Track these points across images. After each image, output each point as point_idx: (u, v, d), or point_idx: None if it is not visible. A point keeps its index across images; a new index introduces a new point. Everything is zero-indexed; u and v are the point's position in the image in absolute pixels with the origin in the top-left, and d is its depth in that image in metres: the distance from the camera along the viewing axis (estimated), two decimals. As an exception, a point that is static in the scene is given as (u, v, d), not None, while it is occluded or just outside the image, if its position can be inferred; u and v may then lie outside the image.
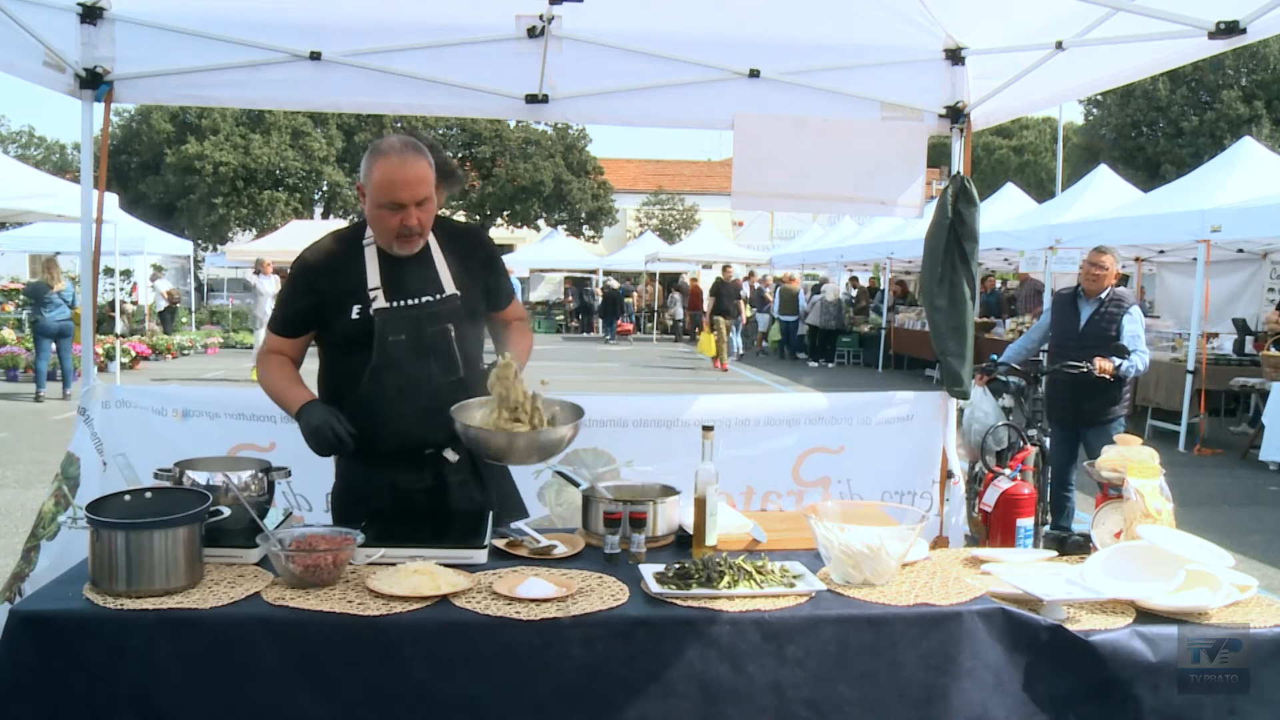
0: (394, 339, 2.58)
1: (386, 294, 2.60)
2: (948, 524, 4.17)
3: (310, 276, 2.67)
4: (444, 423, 2.57)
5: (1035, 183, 30.83)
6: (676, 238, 34.07)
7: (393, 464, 2.64)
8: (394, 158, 2.51)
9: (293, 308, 2.70)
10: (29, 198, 10.50)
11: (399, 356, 2.58)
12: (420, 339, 2.60)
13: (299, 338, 2.73)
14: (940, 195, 4.14)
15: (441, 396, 2.59)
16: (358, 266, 2.62)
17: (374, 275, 2.61)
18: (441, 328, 2.63)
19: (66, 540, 3.64)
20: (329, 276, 2.64)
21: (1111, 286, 5.68)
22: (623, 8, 3.68)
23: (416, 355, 2.60)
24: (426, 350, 2.61)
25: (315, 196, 32.62)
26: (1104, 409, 5.54)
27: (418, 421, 2.61)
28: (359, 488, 2.71)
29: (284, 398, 2.65)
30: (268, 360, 2.73)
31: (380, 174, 2.50)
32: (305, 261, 2.71)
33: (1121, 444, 2.69)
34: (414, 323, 2.60)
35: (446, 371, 2.63)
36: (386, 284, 2.61)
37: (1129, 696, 2.05)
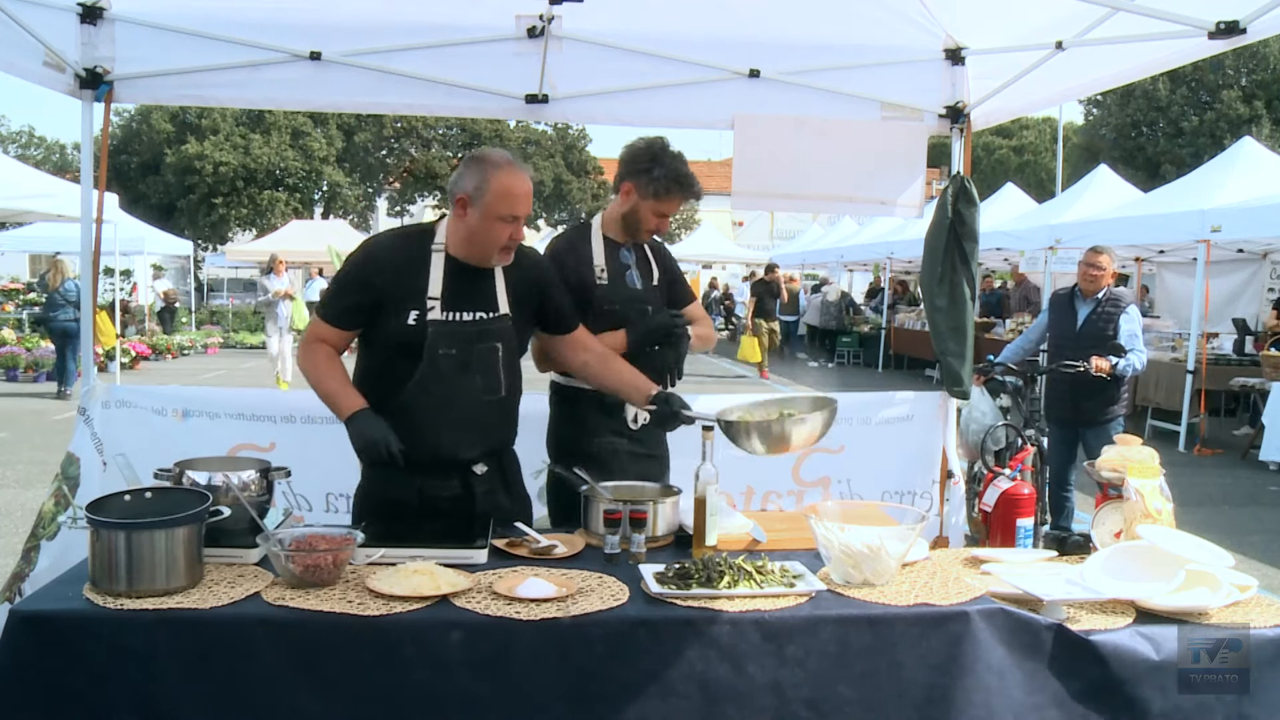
0: (444, 352, 2.57)
1: (444, 305, 2.59)
2: (948, 524, 4.17)
3: (373, 272, 2.62)
4: (479, 438, 2.64)
5: (1035, 183, 30.83)
6: (676, 238, 34.08)
7: (423, 471, 2.61)
8: (512, 169, 2.55)
9: (350, 300, 2.65)
10: (29, 198, 10.50)
11: (447, 370, 2.58)
12: (469, 355, 2.61)
13: (348, 331, 2.68)
14: (940, 195, 4.14)
15: (480, 413, 2.63)
16: (422, 271, 2.60)
17: (436, 284, 2.59)
18: (490, 345, 2.64)
19: (66, 540, 3.64)
20: (392, 275, 2.60)
21: (1109, 286, 5.68)
22: (623, 8, 3.69)
23: (463, 370, 2.60)
24: (473, 366, 2.61)
25: (315, 196, 32.62)
26: (1102, 409, 5.54)
27: (455, 435, 2.62)
28: (385, 491, 2.69)
29: (335, 399, 2.60)
30: (315, 351, 2.66)
31: (502, 186, 2.52)
32: (372, 255, 2.68)
33: (1121, 444, 2.69)
34: (465, 338, 2.60)
35: (489, 389, 2.65)
36: (446, 295, 2.59)
37: (1135, 697, 2.05)
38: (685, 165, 3.14)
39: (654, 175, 3.10)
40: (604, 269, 3.19)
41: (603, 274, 3.18)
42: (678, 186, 3.13)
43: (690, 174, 3.14)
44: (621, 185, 3.20)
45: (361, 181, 34.13)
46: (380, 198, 36.22)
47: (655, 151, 3.13)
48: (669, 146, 3.15)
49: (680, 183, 3.13)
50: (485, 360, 2.63)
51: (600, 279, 3.18)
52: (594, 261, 3.18)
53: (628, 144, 3.21)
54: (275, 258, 14.36)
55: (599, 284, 3.17)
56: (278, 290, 13.53)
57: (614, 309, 3.17)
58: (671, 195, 3.13)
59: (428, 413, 2.58)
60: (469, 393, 2.61)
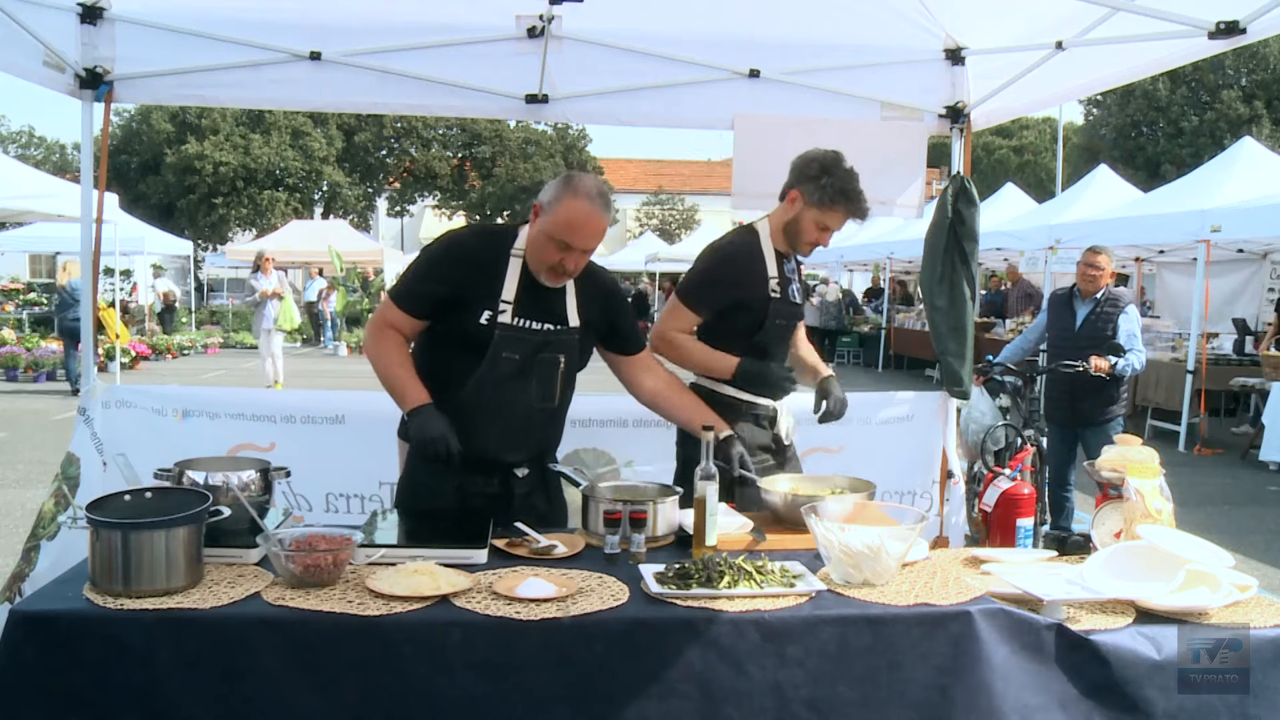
0: (507, 356, 2.60)
1: (515, 311, 2.61)
2: (948, 524, 4.17)
3: (453, 265, 2.65)
4: (525, 444, 2.69)
5: (1035, 183, 30.82)
6: (676, 238, 34.07)
7: (466, 468, 2.63)
8: (585, 203, 2.54)
9: (428, 288, 2.66)
10: (29, 198, 10.50)
11: (506, 374, 2.61)
12: (531, 363, 2.63)
13: (421, 320, 2.67)
14: (940, 195, 4.14)
15: (532, 420, 2.68)
16: (500, 273, 2.62)
17: (511, 288, 2.62)
18: (553, 356, 2.67)
19: (66, 540, 3.64)
20: (472, 271, 2.63)
21: (1108, 286, 5.68)
22: (623, 8, 3.69)
23: (522, 377, 2.63)
24: (532, 374, 2.64)
25: (315, 196, 32.63)
26: (1102, 409, 5.54)
27: (503, 439, 2.66)
28: (426, 483, 2.72)
29: (399, 388, 2.61)
30: (385, 337, 2.66)
31: (567, 212, 2.53)
32: (456, 247, 2.70)
33: (1121, 444, 2.69)
34: (530, 346, 2.63)
35: (544, 398, 2.69)
36: (520, 300, 2.62)
37: (1138, 697, 2.05)
38: (856, 182, 3.04)
39: (821, 183, 3.03)
40: (777, 280, 3.13)
41: (776, 286, 3.12)
42: (843, 199, 3.03)
43: (859, 191, 3.04)
44: (789, 192, 3.12)
45: (361, 181, 34.13)
46: (380, 198, 36.21)
47: (828, 162, 3.05)
48: (843, 161, 3.06)
49: (847, 196, 3.03)
50: (545, 370, 2.67)
51: (774, 292, 3.12)
52: (768, 273, 3.12)
53: (801, 153, 3.14)
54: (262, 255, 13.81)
55: (773, 297, 3.11)
56: (265, 290, 12.99)
57: (782, 325, 3.15)
58: (836, 207, 3.04)
59: (480, 413, 2.62)
60: (524, 399, 2.65)
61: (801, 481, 2.86)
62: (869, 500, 2.67)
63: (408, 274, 2.75)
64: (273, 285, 13.04)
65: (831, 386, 3.22)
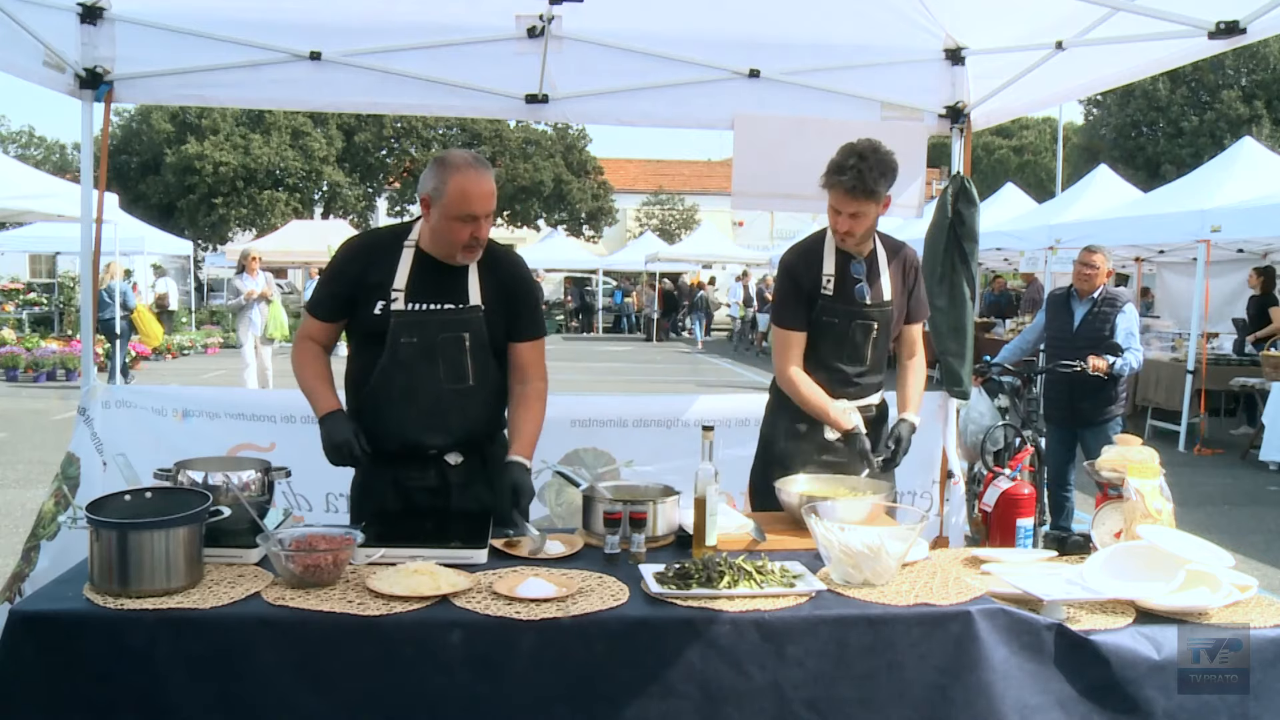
0: (405, 340, 2.63)
1: (408, 296, 2.64)
2: (948, 524, 4.17)
3: (347, 262, 2.74)
4: (445, 427, 2.68)
5: (1035, 183, 30.82)
6: (676, 238, 34.07)
7: (398, 462, 2.70)
8: (470, 171, 2.56)
9: (329, 290, 2.76)
10: (29, 198, 10.50)
11: (408, 358, 2.63)
12: (432, 344, 2.64)
13: (331, 323, 2.77)
14: (940, 195, 4.14)
15: (446, 402, 2.66)
16: (391, 264, 2.67)
17: (402, 276, 2.65)
18: (456, 335, 2.67)
19: (66, 540, 3.64)
20: (363, 266, 2.69)
21: (1105, 285, 5.68)
22: (623, 8, 3.69)
23: (426, 359, 2.64)
24: (436, 355, 2.65)
25: (315, 196, 32.60)
26: (1101, 409, 5.53)
27: (419, 423, 2.67)
28: (370, 484, 2.78)
29: (311, 396, 2.71)
30: (303, 348, 2.78)
31: (456, 186, 2.54)
32: (349, 247, 2.82)
33: (1121, 444, 2.69)
34: (427, 328, 2.64)
35: (455, 379, 2.67)
36: (411, 287, 2.65)
37: (1137, 697, 2.05)
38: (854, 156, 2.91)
39: (826, 170, 2.99)
40: (831, 278, 3.09)
41: (828, 283, 3.09)
42: (831, 174, 2.95)
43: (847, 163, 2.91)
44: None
45: (361, 181, 34.11)
46: (380, 198, 36.20)
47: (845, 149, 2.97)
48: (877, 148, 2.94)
49: (834, 169, 2.94)
50: (449, 349, 2.66)
51: (825, 289, 3.09)
52: (823, 270, 3.10)
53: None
54: (248, 254, 12.15)
55: (823, 294, 3.09)
56: (250, 292, 11.49)
57: (833, 322, 3.11)
58: (831, 185, 2.97)
59: (392, 400, 2.66)
60: (432, 380, 2.65)
61: (820, 483, 2.85)
62: (891, 501, 2.67)
63: (317, 285, 2.88)
64: (259, 286, 11.57)
65: (904, 432, 3.14)
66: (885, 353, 3.24)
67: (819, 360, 3.14)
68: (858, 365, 3.17)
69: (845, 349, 3.14)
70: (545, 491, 3.99)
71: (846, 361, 3.15)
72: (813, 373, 3.14)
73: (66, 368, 13.80)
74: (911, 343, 3.33)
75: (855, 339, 3.13)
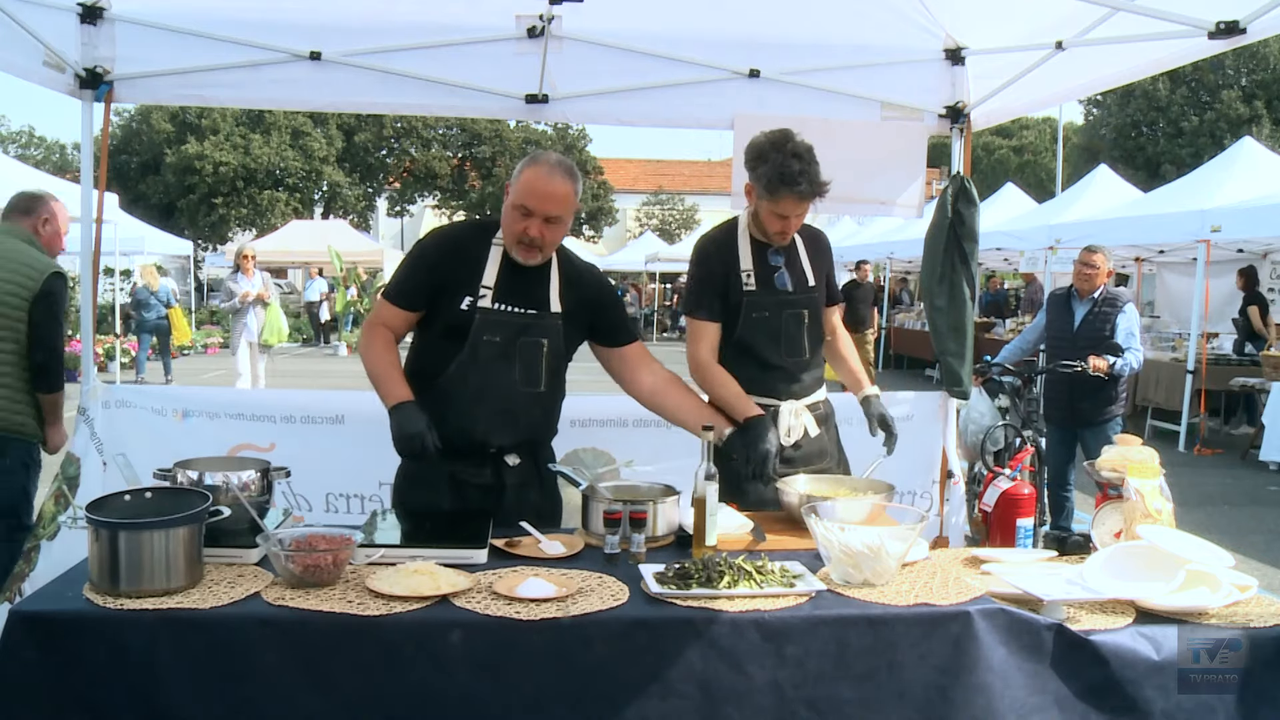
0: (488, 339, 2.65)
1: (495, 296, 2.66)
2: (948, 524, 4.17)
3: (438, 255, 2.72)
4: (512, 429, 2.70)
5: (1035, 183, 30.83)
6: (676, 238, 34.06)
7: (457, 456, 2.68)
8: (544, 168, 2.60)
9: (414, 281, 2.73)
10: (29, 198, 10.48)
11: (488, 357, 2.65)
12: (513, 346, 2.67)
13: (411, 313, 2.73)
14: (940, 195, 4.14)
15: (517, 403, 2.70)
16: (480, 260, 2.68)
17: (491, 274, 2.67)
18: (536, 340, 2.70)
19: (66, 540, 3.65)
20: (453, 260, 2.69)
21: (1105, 285, 5.68)
22: (623, 8, 3.69)
23: (504, 360, 2.66)
24: (514, 357, 2.67)
25: (315, 196, 32.62)
26: (1100, 409, 5.54)
27: (488, 422, 2.69)
28: (419, 474, 2.75)
29: (383, 385, 2.65)
30: (374, 334, 2.73)
31: (525, 178, 2.60)
32: (439, 238, 2.78)
33: (1121, 444, 2.69)
34: (511, 329, 2.67)
35: (529, 382, 2.70)
36: (500, 286, 2.67)
37: (1137, 697, 2.05)
38: (798, 160, 2.82)
39: (759, 173, 2.89)
40: (750, 272, 3.02)
41: (749, 278, 3.02)
42: (782, 184, 2.83)
43: (797, 169, 2.81)
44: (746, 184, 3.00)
45: (361, 181, 34.13)
46: (380, 198, 36.21)
47: (764, 148, 2.89)
48: (789, 139, 2.86)
49: (785, 180, 2.82)
50: (529, 354, 2.70)
51: (747, 284, 3.02)
52: (740, 265, 3.03)
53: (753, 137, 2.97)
54: (243, 253, 11.25)
55: (745, 289, 3.02)
56: (245, 293, 10.65)
57: (764, 316, 3.04)
58: (778, 195, 2.86)
59: (465, 395, 2.66)
60: (507, 382, 2.68)
61: (820, 483, 2.85)
62: (889, 501, 2.67)
63: (398, 269, 2.81)
64: (255, 288, 10.70)
65: (878, 407, 3.13)
66: (820, 343, 3.19)
67: (760, 360, 3.06)
68: (797, 357, 3.09)
69: (782, 342, 3.07)
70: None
71: (786, 356, 3.07)
72: (756, 375, 3.05)
73: (66, 368, 13.75)
74: (833, 325, 3.30)
75: (789, 330, 3.06)
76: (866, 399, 3.18)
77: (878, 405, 3.17)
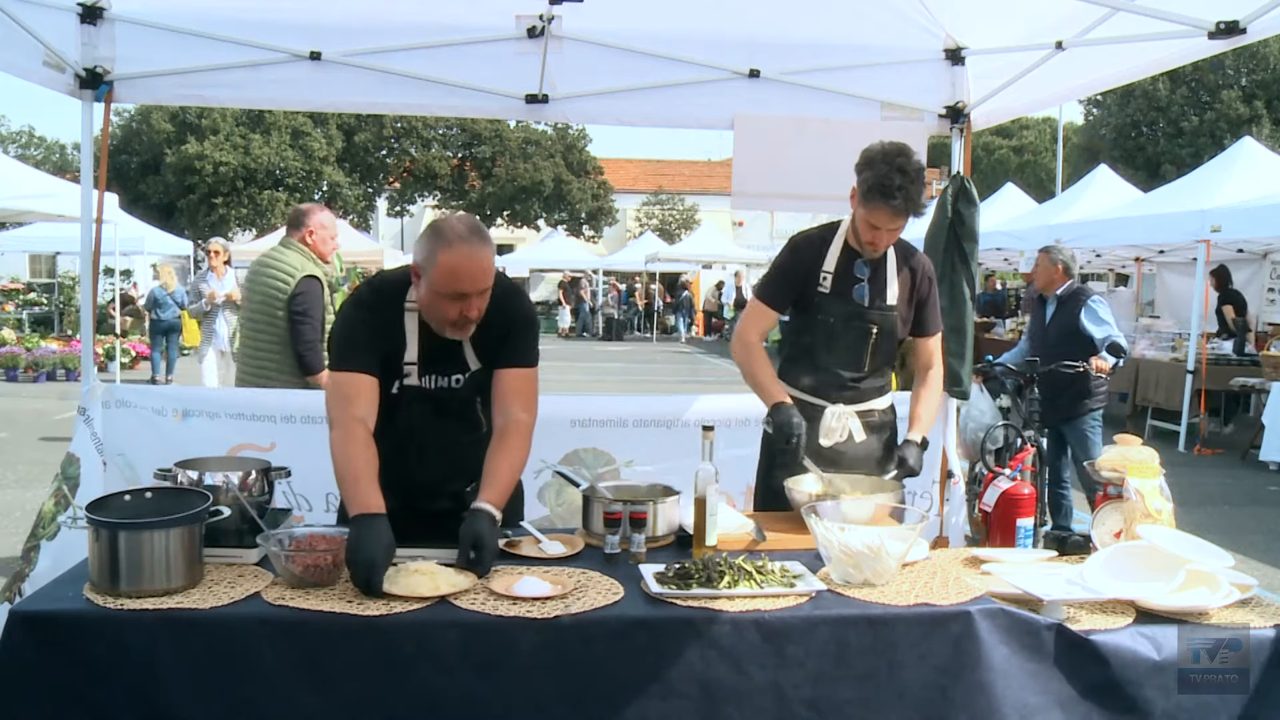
0: (419, 409, 2.54)
1: (420, 370, 2.50)
2: (948, 524, 4.17)
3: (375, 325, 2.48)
4: (463, 471, 2.54)
5: (1035, 183, 30.81)
6: (676, 238, 34.05)
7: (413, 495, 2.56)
8: (462, 247, 2.32)
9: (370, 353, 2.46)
10: (29, 198, 10.49)
11: (422, 424, 2.55)
12: (445, 409, 2.56)
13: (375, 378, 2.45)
14: (940, 195, 4.14)
15: (464, 450, 2.57)
16: (400, 332, 2.48)
17: (414, 348, 2.49)
18: (469, 395, 2.58)
19: (66, 540, 3.65)
20: (383, 333, 2.49)
21: (1069, 282, 5.77)
22: (623, 8, 3.69)
23: (439, 420, 2.56)
24: (449, 414, 2.58)
25: (315, 196, 32.60)
26: (1075, 403, 5.59)
27: (440, 471, 2.61)
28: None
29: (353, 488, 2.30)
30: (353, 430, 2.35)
31: (447, 265, 2.31)
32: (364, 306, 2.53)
33: (1121, 444, 2.69)
34: (439, 400, 2.55)
35: (468, 430, 2.61)
36: (423, 359, 2.50)
37: (1137, 697, 2.05)
38: (901, 175, 2.79)
39: (863, 177, 2.87)
40: (829, 275, 3.00)
41: (826, 280, 3.00)
42: (878, 195, 2.81)
43: (897, 184, 2.78)
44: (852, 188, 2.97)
45: (361, 181, 34.12)
46: (380, 198, 36.21)
47: (873, 155, 2.87)
48: (903, 154, 2.84)
49: (882, 191, 2.80)
50: (461, 408, 2.59)
51: (822, 286, 3.00)
52: (823, 266, 3.01)
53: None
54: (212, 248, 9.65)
55: (819, 291, 3.01)
56: (212, 294, 9.11)
57: (828, 321, 3.01)
58: (873, 204, 2.84)
59: (408, 455, 2.56)
60: (449, 437, 2.58)
61: (830, 482, 2.84)
62: (897, 502, 2.66)
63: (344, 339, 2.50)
64: (226, 288, 9.16)
65: (908, 454, 3.01)
66: (890, 359, 3.16)
67: (813, 361, 3.07)
68: (854, 370, 3.07)
69: (840, 351, 3.06)
70: (545, 491, 3.99)
71: (841, 365, 3.06)
72: (806, 374, 3.07)
73: (66, 368, 13.82)
74: (927, 357, 3.22)
75: (851, 341, 3.04)
76: (906, 442, 3.07)
77: (906, 451, 3.03)
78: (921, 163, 2.91)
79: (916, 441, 3.06)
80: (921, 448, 3.06)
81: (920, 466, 3.03)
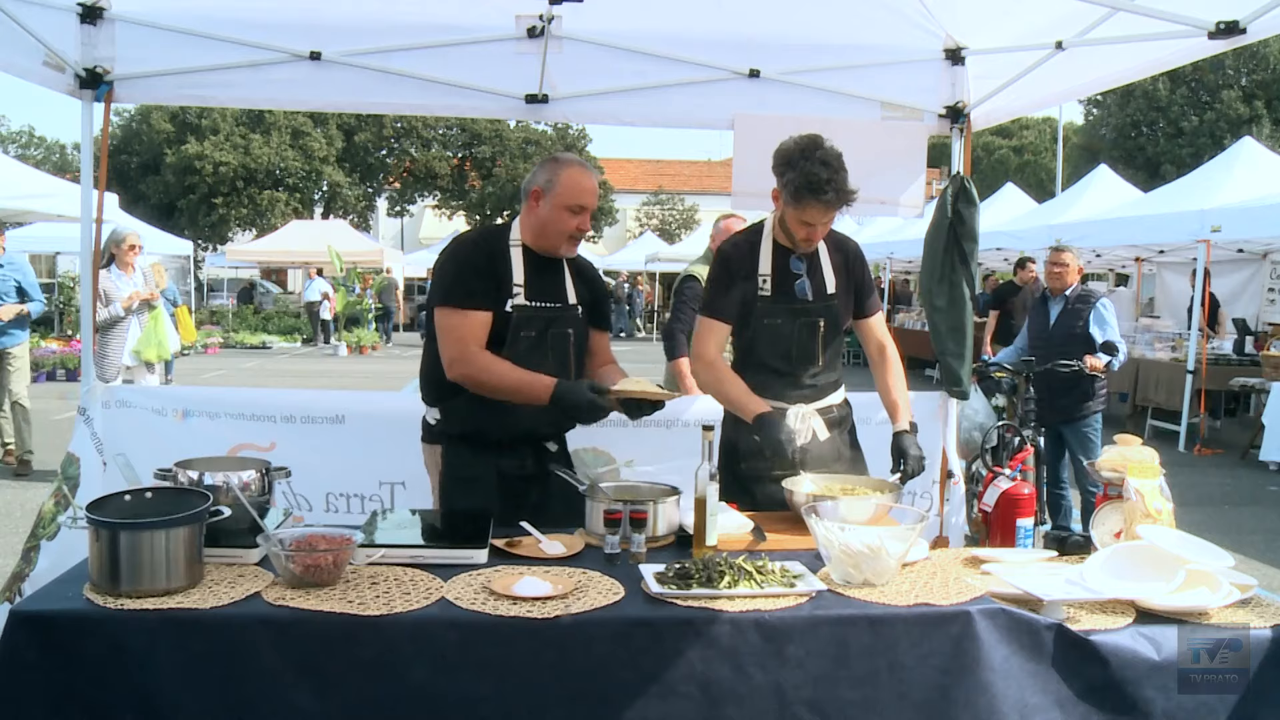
0: (524, 334, 2.76)
1: (527, 293, 2.80)
2: (948, 524, 4.17)
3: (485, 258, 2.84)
4: (550, 417, 2.79)
5: (1035, 183, 30.81)
6: (676, 238, 34.05)
7: (498, 451, 2.81)
8: (579, 169, 2.84)
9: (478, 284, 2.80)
10: (29, 198, 10.49)
11: (526, 351, 2.76)
12: (544, 338, 2.80)
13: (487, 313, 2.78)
14: (940, 195, 4.14)
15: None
16: (505, 264, 2.83)
17: (519, 273, 2.82)
18: (563, 331, 2.84)
19: (66, 540, 3.64)
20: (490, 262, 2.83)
21: (1077, 283, 5.78)
22: (623, 8, 3.68)
23: (538, 352, 2.78)
24: (547, 350, 2.80)
25: (315, 196, 32.59)
26: (1078, 404, 5.60)
27: (530, 414, 2.78)
28: (466, 476, 2.85)
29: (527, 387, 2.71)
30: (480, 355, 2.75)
31: (570, 179, 2.80)
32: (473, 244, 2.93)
33: (1121, 444, 2.69)
34: (542, 322, 2.80)
35: (561, 372, 2.79)
36: (528, 283, 2.82)
37: (1137, 697, 2.05)
38: (826, 168, 2.77)
39: (786, 179, 2.84)
40: (768, 278, 2.99)
41: (765, 283, 2.98)
42: (809, 193, 2.78)
43: (824, 178, 2.76)
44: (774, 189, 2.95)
45: (361, 181, 34.11)
46: (380, 198, 36.19)
47: (792, 154, 2.84)
48: (818, 146, 2.81)
49: (811, 188, 2.77)
50: (558, 345, 2.83)
51: (763, 289, 2.98)
52: (758, 269, 2.99)
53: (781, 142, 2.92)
54: (119, 239, 7.12)
55: (760, 295, 2.98)
56: (133, 295, 6.96)
57: (776, 324, 2.99)
58: (805, 203, 2.81)
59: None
60: (544, 373, 2.75)
61: (828, 482, 2.84)
62: (894, 502, 2.66)
63: (447, 280, 2.84)
64: (143, 289, 7.11)
65: (906, 445, 2.93)
66: (839, 349, 3.17)
67: (768, 366, 3.03)
68: (810, 366, 3.05)
69: (794, 351, 3.03)
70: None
71: (797, 364, 3.04)
72: (764, 379, 3.01)
73: (66, 368, 13.81)
74: (878, 338, 3.18)
75: (802, 339, 3.02)
76: (899, 434, 3.00)
77: (907, 442, 2.97)
78: (838, 149, 2.85)
79: (906, 429, 3.00)
80: (913, 434, 3.00)
81: (922, 456, 2.96)
